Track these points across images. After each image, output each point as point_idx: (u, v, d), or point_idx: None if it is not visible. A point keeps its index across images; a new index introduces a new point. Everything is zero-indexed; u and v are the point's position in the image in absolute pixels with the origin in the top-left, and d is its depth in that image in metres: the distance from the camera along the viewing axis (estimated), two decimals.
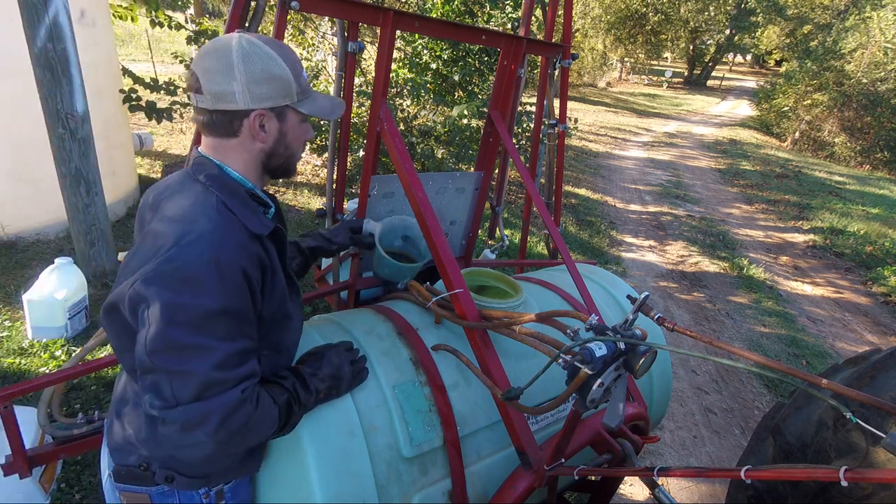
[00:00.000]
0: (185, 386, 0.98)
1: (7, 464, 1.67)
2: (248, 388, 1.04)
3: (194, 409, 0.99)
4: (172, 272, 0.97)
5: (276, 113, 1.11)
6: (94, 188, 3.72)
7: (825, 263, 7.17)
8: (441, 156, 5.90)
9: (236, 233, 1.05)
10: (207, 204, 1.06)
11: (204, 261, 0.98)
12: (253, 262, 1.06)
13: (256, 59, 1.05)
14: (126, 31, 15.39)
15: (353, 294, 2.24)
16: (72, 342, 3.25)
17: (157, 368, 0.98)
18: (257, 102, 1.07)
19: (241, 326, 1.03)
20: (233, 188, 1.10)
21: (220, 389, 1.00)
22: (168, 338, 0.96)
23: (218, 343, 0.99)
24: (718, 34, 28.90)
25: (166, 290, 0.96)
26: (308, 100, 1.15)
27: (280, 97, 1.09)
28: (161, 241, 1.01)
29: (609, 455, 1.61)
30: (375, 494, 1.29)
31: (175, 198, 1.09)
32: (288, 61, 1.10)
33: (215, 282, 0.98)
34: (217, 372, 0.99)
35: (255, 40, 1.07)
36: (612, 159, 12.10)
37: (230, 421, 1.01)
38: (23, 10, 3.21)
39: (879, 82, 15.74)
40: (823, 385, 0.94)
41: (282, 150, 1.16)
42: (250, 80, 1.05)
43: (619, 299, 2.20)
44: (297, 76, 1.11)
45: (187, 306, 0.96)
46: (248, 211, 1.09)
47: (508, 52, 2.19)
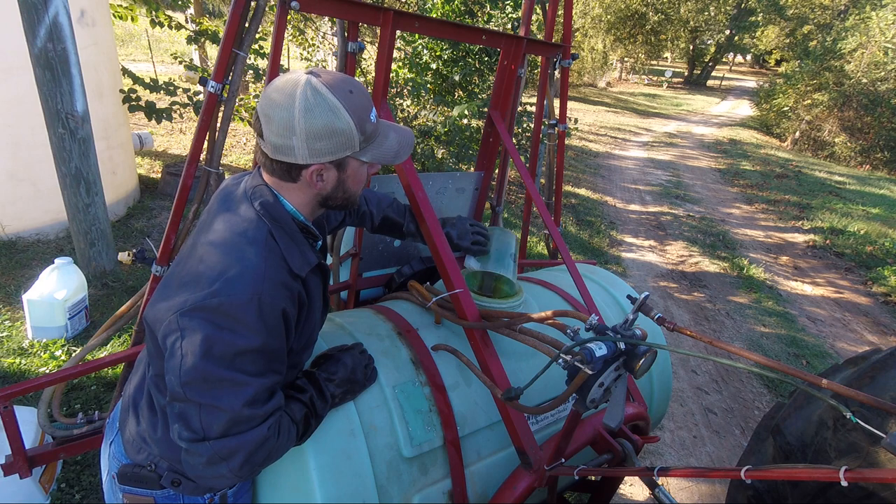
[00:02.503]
0: (215, 420, 0.99)
1: (7, 464, 1.67)
2: (274, 424, 1.05)
3: (221, 445, 1.00)
4: (215, 307, 0.97)
5: (335, 164, 1.08)
6: (94, 188, 3.73)
7: (825, 263, 7.17)
8: (441, 156, 5.91)
9: (280, 271, 1.05)
10: (258, 234, 1.05)
11: (246, 299, 0.98)
12: (293, 300, 1.07)
13: (319, 113, 1.01)
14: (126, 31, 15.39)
15: (354, 294, 2.24)
16: (72, 342, 3.25)
17: (189, 399, 0.99)
18: (316, 158, 1.05)
19: (272, 363, 1.04)
20: (284, 220, 1.10)
21: (248, 426, 1.01)
22: (203, 371, 0.97)
23: (251, 379, 1.00)
24: (718, 34, 28.90)
25: (207, 324, 0.97)
26: (372, 146, 1.11)
27: (341, 150, 1.06)
28: (207, 267, 1.02)
29: (609, 455, 1.61)
30: (375, 494, 1.29)
31: (229, 216, 1.09)
32: (354, 108, 1.04)
33: (255, 320, 0.98)
34: (248, 409, 1.00)
35: (321, 89, 1.01)
36: (612, 159, 12.10)
37: (255, 456, 1.03)
38: (23, 10, 3.21)
39: (879, 82, 15.73)
40: (823, 385, 0.94)
41: (340, 193, 1.14)
42: (310, 136, 1.02)
43: (619, 299, 2.20)
44: (361, 124, 1.06)
45: (226, 342, 0.97)
46: (295, 246, 1.10)
47: (508, 52, 2.19)
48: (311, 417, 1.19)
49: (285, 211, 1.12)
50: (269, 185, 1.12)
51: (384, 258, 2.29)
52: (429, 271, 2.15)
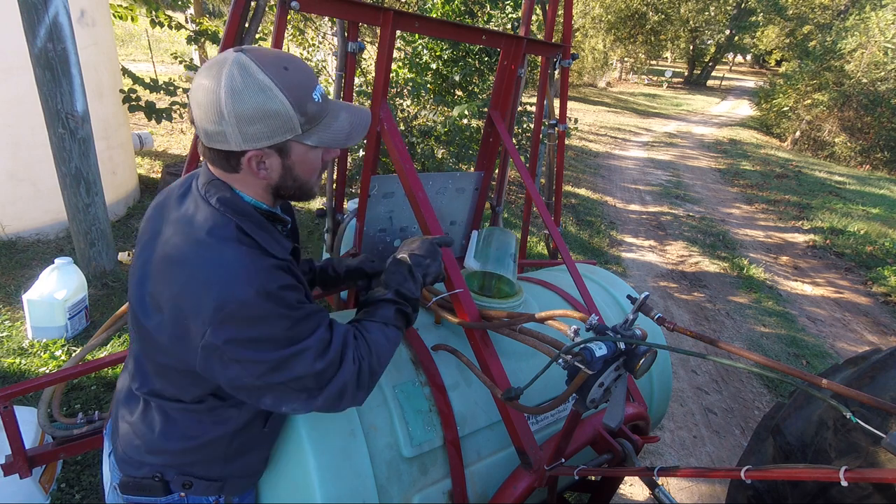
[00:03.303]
0: (305, 385, 1.03)
1: (7, 464, 1.67)
2: (355, 352, 1.09)
3: (328, 393, 1.05)
4: (232, 314, 0.95)
5: (276, 149, 1.00)
6: (94, 188, 3.72)
7: (825, 263, 7.17)
8: (441, 156, 5.90)
9: (264, 260, 1.02)
10: (227, 230, 1.00)
11: (252, 294, 0.96)
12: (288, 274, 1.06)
13: (248, 94, 0.92)
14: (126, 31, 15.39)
15: (353, 294, 2.24)
16: (72, 342, 3.25)
17: (273, 385, 1.01)
18: (251, 143, 0.96)
19: (309, 320, 1.04)
20: (247, 213, 1.04)
21: (333, 371, 1.05)
22: (263, 364, 0.99)
23: (303, 346, 1.02)
24: (718, 34, 28.90)
25: (236, 332, 0.96)
26: (318, 128, 1.01)
27: (279, 134, 0.97)
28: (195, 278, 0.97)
29: (609, 455, 1.61)
30: (375, 494, 1.29)
31: (189, 219, 1.02)
32: (289, 86, 0.95)
33: (273, 307, 0.98)
34: (320, 362, 1.03)
35: (250, 66, 0.93)
36: (612, 159, 12.10)
37: (361, 381, 1.09)
38: (23, 10, 3.21)
39: (879, 82, 15.73)
40: (823, 385, 0.94)
41: (290, 182, 1.06)
42: (241, 120, 0.93)
43: (619, 299, 2.20)
44: (300, 104, 0.96)
45: (264, 336, 0.98)
46: (267, 234, 1.05)
47: (508, 52, 2.19)
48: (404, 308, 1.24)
49: (245, 203, 1.05)
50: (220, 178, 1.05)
51: (384, 258, 2.29)
52: None
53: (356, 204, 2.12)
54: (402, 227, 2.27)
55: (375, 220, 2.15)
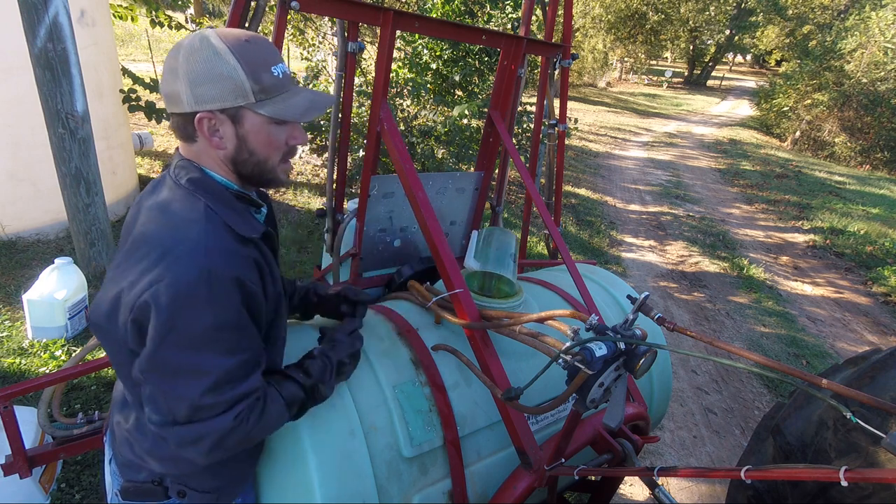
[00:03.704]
0: (178, 407, 0.97)
1: (7, 464, 1.67)
2: (244, 411, 1.00)
3: (187, 431, 0.98)
4: (164, 289, 0.92)
5: (228, 115, 1.00)
6: (94, 188, 3.73)
7: (825, 263, 7.17)
8: (441, 156, 5.91)
9: (226, 241, 1.00)
10: (195, 209, 1.00)
11: (194, 274, 0.93)
12: (248, 266, 1.02)
13: (201, 56, 0.96)
14: (126, 31, 15.40)
15: None
16: (72, 342, 3.25)
17: (152, 384, 0.98)
18: (201, 105, 0.98)
19: (239, 340, 1.00)
20: (218, 192, 1.04)
21: (211, 413, 0.98)
22: (160, 359, 0.95)
23: (213, 362, 0.96)
24: (718, 34, 28.90)
25: (159, 308, 0.92)
26: (274, 100, 1.01)
27: (229, 98, 0.98)
28: (150, 252, 0.97)
29: (609, 455, 1.61)
30: (375, 494, 1.29)
31: (161, 203, 1.03)
32: (244, 55, 0.97)
33: (206, 297, 0.94)
34: (208, 397, 0.96)
35: (211, 35, 0.97)
36: (612, 159, 12.10)
37: (224, 442, 1.00)
38: (23, 10, 3.21)
39: (879, 82, 15.73)
40: (823, 385, 0.94)
41: (245, 155, 1.04)
42: (193, 79, 0.96)
43: (619, 299, 2.20)
44: (254, 72, 0.98)
45: (178, 325, 0.93)
46: (236, 214, 1.04)
47: (508, 52, 2.19)
48: (308, 400, 1.16)
49: (216, 182, 1.06)
50: (191, 160, 1.06)
51: (384, 258, 2.29)
52: (429, 271, 2.15)
53: (356, 204, 2.12)
54: (402, 227, 2.27)
55: (375, 220, 2.15)
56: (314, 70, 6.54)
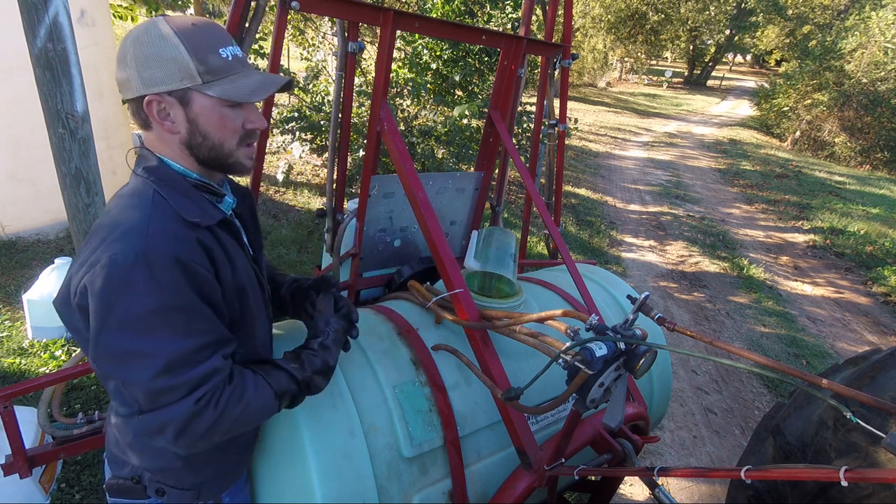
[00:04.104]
0: (136, 394, 0.95)
1: (7, 464, 1.67)
2: (207, 394, 0.97)
3: (150, 419, 0.95)
4: (99, 271, 0.91)
5: (177, 98, 1.00)
6: (94, 188, 3.71)
7: (825, 263, 7.17)
8: (441, 156, 5.91)
9: (169, 223, 0.98)
10: (143, 196, 1.00)
11: (130, 256, 0.91)
12: (192, 249, 0.99)
13: (147, 40, 0.97)
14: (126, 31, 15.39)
15: (354, 294, 2.24)
16: (72, 342, 3.25)
17: (107, 376, 0.96)
18: (147, 87, 0.98)
19: (189, 322, 0.96)
20: (172, 179, 1.03)
21: (169, 398, 0.95)
22: (105, 344, 0.93)
23: (160, 346, 0.93)
24: (718, 34, 28.90)
25: (96, 292, 0.91)
26: (221, 81, 1.01)
27: (175, 80, 0.98)
28: (94, 238, 0.97)
29: (609, 455, 1.61)
30: (375, 494, 1.29)
31: (119, 193, 1.05)
32: (190, 38, 0.98)
33: (144, 278, 0.91)
34: (161, 380, 0.93)
35: (159, 22, 0.98)
36: (612, 159, 12.10)
37: (190, 430, 0.96)
38: (23, 10, 3.20)
39: (879, 82, 15.73)
40: (823, 385, 0.94)
41: (199, 139, 1.03)
42: (138, 63, 0.97)
43: (619, 299, 2.20)
44: (199, 54, 0.98)
45: (116, 308, 0.91)
46: (189, 201, 1.03)
47: (508, 52, 2.19)
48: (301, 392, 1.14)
49: (172, 171, 1.05)
50: (151, 150, 1.06)
51: (384, 258, 2.29)
52: (429, 271, 2.15)
53: (356, 204, 2.12)
54: (402, 227, 2.27)
55: (375, 220, 2.15)
56: (314, 70, 6.54)
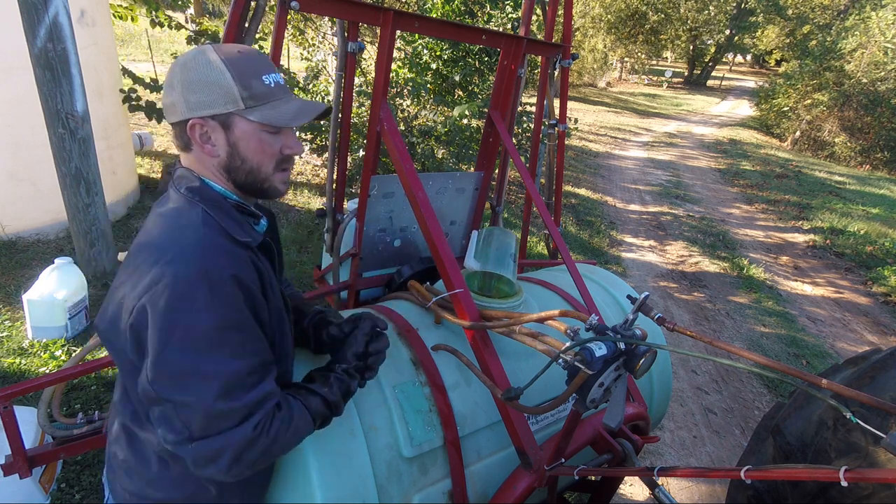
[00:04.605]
0: (192, 419, 0.94)
1: (7, 464, 1.67)
2: (262, 421, 0.97)
3: (205, 446, 0.94)
4: (161, 290, 0.92)
5: (219, 122, 1.02)
6: (94, 188, 3.73)
7: (825, 263, 7.17)
8: (441, 156, 5.91)
9: (222, 241, 1.00)
10: (192, 215, 1.01)
11: (192, 274, 0.93)
12: (247, 266, 1.01)
13: (194, 66, 1.00)
14: (126, 31, 15.39)
15: (353, 294, 2.24)
16: (72, 342, 3.25)
17: (163, 399, 0.94)
18: (192, 111, 1.01)
19: (245, 342, 0.98)
20: (216, 200, 1.05)
21: (228, 423, 0.94)
22: (166, 363, 0.92)
23: (220, 365, 0.94)
24: (718, 34, 28.90)
25: (157, 311, 0.91)
26: (263, 106, 1.03)
27: (219, 104, 1.00)
28: (148, 257, 0.97)
29: (609, 455, 1.61)
30: (375, 494, 1.29)
31: (162, 211, 1.06)
32: (235, 64, 1.01)
33: (206, 295, 0.93)
34: (222, 402, 0.93)
35: (207, 48, 1.02)
36: (612, 159, 12.10)
37: (245, 456, 0.96)
38: (23, 10, 3.21)
39: (879, 82, 15.73)
40: (823, 385, 0.94)
41: (238, 163, 1.06)
42: (185, 88, 1.01)
43: (619, 299, 2.20)
44: (244, 79, 1.01)
45: (180, 326, 0.92)
46: (234, 222, 1.05)
47: (508, 52, 2.19)
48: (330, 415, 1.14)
49: (215, 192, 1.07)
50: (191, 169, 1.08)
51: (384, 258, 2.29)
52: (429, 271, 2.15)
53: (356, 204, 2.12)
54: (402, 227, 2.27)
55: (375, 220, 2.15)
56: (314, 70, 6.54)
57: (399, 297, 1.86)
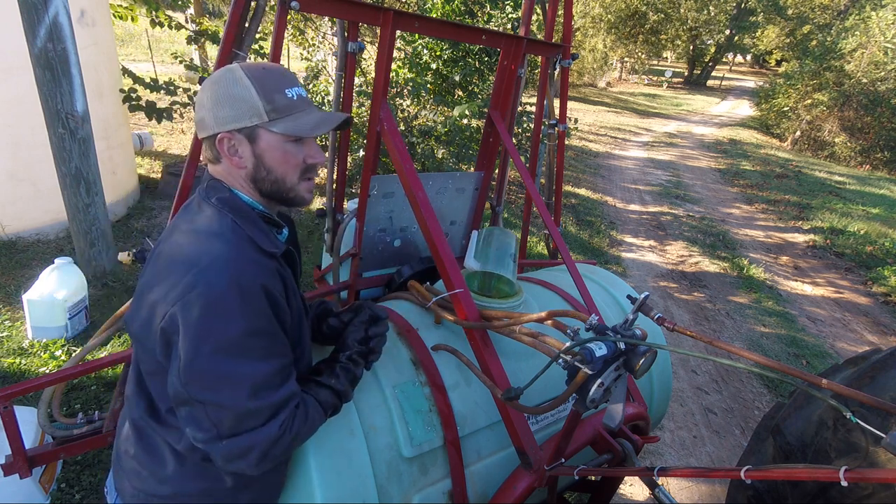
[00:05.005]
0: (223, 419, 0.98)
1: (7, 464, 1.67)
2: (288, 418, 1.03)
3: (235, 444, 0.99)
4: (195, 299, 0.96)
5: (245, 135, 1.07)
6: (94, 188, 3.73)
7: (825, 263, 7.17)
8: (441, 156, 5.90)
9: (251, 251, 1.05)
10: (223, 225, 1.06)
11: (224, 283, 0.97)
12: (273, 276, 1.06)
13: (223, 82, 1.06)
14: (126, 31, 15.40)
15: (353, 294, 2.24)
16: (72, 342, 3.25)
17: (193, 399, 0.98)
18: (221, 125, 1.07)
19: (272, 346, 1.03)
20: (244, 211, 1.10)
21: (256, 422, 1.00)
22: (199, 367, 0.96)
23: (249, 368, 0.98)
24: (718, 34, 28.90)
25: (191, 318, 0.95)
26: (286, 118, 1.08)
27: (245, 118, 1.06)
28: (179, 265, 1.01)
29: (609, 455, 1.61)
30: (375, 494, 1.29)
31: (189, 219, 1.09)
32: (259, 79, 1.06)
33: (238, 304, 0.97)
34: (253, 401, 0.98)
35: (234, 67, 1.07)
36: (612, 159, 12.10)
37: (271, 452, 1.02)
38: (23, 10, 3.21)
39: (879, 82, 15.73)
40: (823, 385, 0.94)
41: (263, 173, 1.10)
42: (215, 104, 1.06)
43: (619, 299, 2.20)
44: (267, 93, 1.06)
45: (213, 332, 0.96)
46: (260, 231, 1.09)
47: (508, 52, 2.19)
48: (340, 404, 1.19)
49: (243, 202, 1.12)
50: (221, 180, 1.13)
51: (384, 258, 2.29)
52: (429, 271, 2.15)
53: (356, 204, 2.12)
54: (402, 227, 2.27)
55: (375, 220, 2.15)
56: (314, 70, 6.54)
57: (399, 297, 1.86)
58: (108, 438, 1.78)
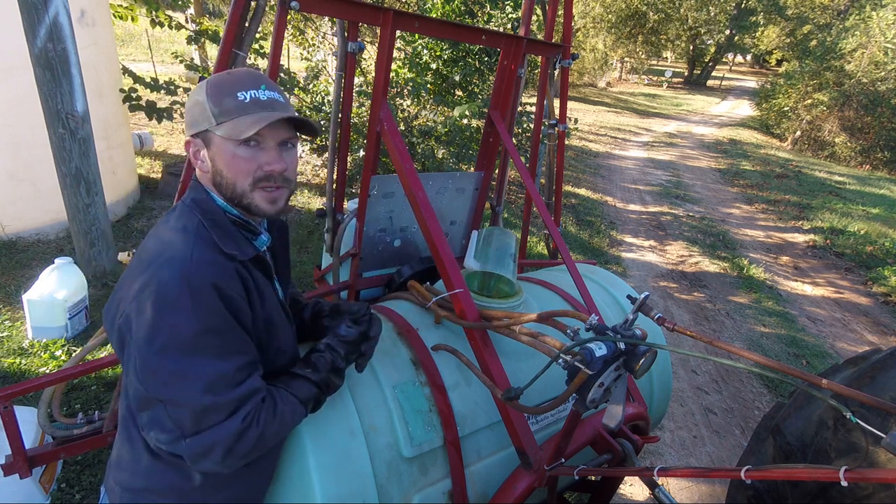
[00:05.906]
0: (182, 417, 0.98)
1: (7, 464, 1.67)
2: (251, 413, 1.02)
3: (197, 442, 0.98)
4: (147, 296, 0.96)
5: (202, 139, 1.09)
6: (94, 188, 3.73)
7: (825, 263, 7.16)
8: (441, 156, 5.90)
9: (209, 252, 1.04)
10: (188, 225, 1.06)
11: (175, 281, 0.97)
12: (230, 277, 1.04)
13: (193, 92, 1.10)
14: (126, 31, 15.39)
15: (353, 294, 2.24)
16: (72, 342, 3.25)
17: (152, 398, 0.98)
18: (187, 131, 1.12)
19: (227, 344, 1.01)
20: (215, 213, 1.10)
21: (217, 418, 0.99)
22: (153, 365, 0.97)
23: (202, 366, 0.97)
24: (718, 34, 28.90)
25: (143, 315, 0.96)
26: (229, 121, 1.04)
27: (200, 123, 1.07)
28: (143, 263, 1.03)
29: (609, 455, 1.61)
30: (375, 494, 1.29)
31: (167, 219, 1.12)
32: (215, 83, 1.06)
33: (189, 302, 0.96)
34: (207, 397, 0.97)
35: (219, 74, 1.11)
36: (612, 159, 12.10)
37: (237, 448, 1.01)
38: (23, 10, 3.21)
39: (879, 82, 15.72)
40: (823, 385, 0.94)
41: (218, 178, 1.09)
42: (186, 112, 1.12)
43: (619, 299, 2.20)
44: (217, 97, 1.05)
45: (164, 329, 0.96)
46: (226, 235, 1.08)
47: (508, 52, 2.19)
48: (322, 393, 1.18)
49: (216, 205, 1.12)
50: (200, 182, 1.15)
51: (384, 258, 2.29)
52: (429, 271, 2.15)
53: (356, 204, 2.12)
54: (402, 227, 2.27)
55: (375, 220, 2.15)
56: (314, 70, 6.54)
57: (399, 297, 1.86)
58: (108, 438, 1.78)
